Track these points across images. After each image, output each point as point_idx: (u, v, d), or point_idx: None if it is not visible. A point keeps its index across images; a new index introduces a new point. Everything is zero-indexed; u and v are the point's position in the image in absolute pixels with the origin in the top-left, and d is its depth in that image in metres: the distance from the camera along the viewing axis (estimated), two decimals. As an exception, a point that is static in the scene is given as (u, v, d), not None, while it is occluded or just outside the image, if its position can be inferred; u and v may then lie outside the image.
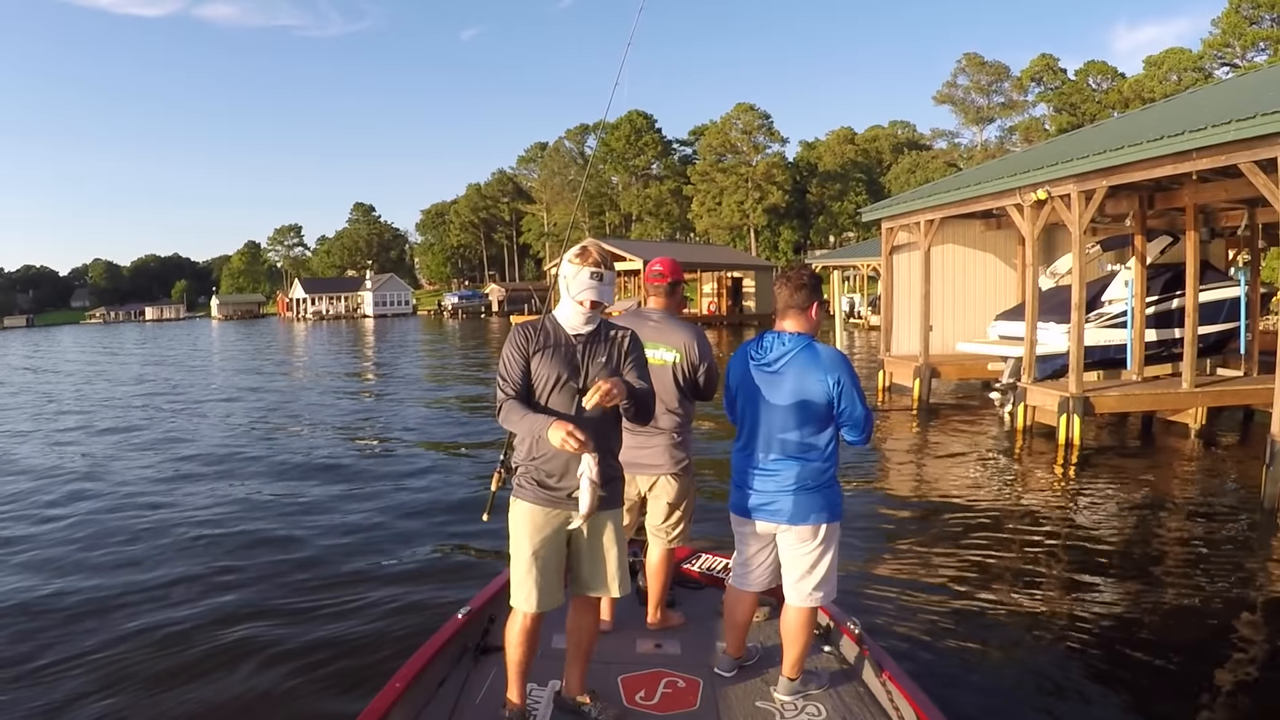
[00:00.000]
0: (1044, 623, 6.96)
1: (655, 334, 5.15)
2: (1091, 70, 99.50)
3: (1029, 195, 14.65)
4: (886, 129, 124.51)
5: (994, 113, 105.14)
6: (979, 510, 10.52)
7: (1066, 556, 8.76)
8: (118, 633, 6.87)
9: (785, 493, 4.37)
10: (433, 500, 11.27)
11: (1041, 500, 11.12)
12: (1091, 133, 18.92)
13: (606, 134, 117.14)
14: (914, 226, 19.41)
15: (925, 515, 10.48)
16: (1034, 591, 7.70)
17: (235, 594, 7.77)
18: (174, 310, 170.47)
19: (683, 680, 4.63)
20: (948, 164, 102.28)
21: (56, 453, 15.73)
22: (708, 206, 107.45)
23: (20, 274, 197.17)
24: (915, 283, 19.88)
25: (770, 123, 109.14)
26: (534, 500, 4.02)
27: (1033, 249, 15.18)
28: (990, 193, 16.02)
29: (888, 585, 7.70)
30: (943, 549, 8.92)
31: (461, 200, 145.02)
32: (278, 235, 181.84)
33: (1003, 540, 9.24)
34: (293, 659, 6.32)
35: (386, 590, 7.79)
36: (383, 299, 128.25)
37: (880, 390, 20.58)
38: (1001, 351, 16.63)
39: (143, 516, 10.63)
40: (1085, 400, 13.78)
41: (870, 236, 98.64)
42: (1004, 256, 20.85)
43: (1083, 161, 13.23)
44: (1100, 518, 10.25)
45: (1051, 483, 12.18)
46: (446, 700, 4.40)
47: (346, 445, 15.98)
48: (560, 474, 3.98)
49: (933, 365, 18.80)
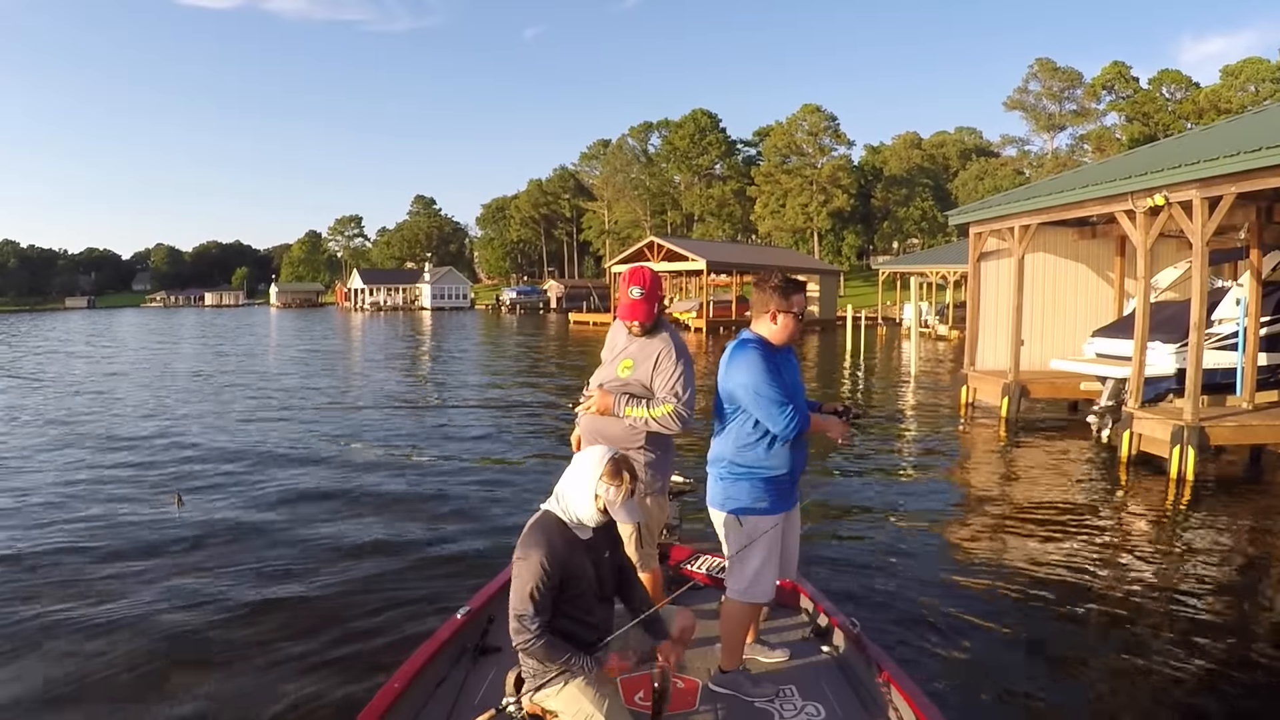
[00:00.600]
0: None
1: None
2: (1165, 79, 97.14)
3: (1143, 201, 13.24)
4: (953, 135, 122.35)
5: (1065, 120, 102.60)
6: (1073, 549, 9.29)
7: (1173, 614, 7.44)
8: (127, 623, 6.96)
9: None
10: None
11: (1147, 542, 9.77)
12: (1202, 136, 17.37)
13: (670, 132, 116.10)
14: (1006, 232, 17.94)
15: (1012, 550, 9.19)
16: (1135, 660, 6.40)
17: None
18: (233, 296, 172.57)
19: (681, 681, 4.65)
20: (1016, 172, 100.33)
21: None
22: (771, 208, 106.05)
23: (83, 256, 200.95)
24: (1004, 293, 18.52)
25: (836, 125, 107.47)
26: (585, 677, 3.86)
27: (1145, 260, 13.72)
28: (1097, 197, 14.53)
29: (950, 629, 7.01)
30: (1030, 601, 7.70)
31: (522, 195, 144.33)
32: (338, 225, 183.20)
33: (1102, 588, 7.94)
34: (296, 654, 6.38)
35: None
36: (440, 292, 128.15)
37: (962, 407, 19.19)
38: (1101, 371, 15.20)
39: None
40: (1201, 431, 12.38)
41: (935, 243, 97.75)
42: (1097, 268, 19.41)
43: (1210, 164, 11.80)
44: (1215, 572, 8.78)
45: (1159, 523, 10.73)
46: (445, 700, 4.41)
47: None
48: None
49: (1022, 383, 17.37)
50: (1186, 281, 16.40)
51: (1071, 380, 17.02)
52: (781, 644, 5.10)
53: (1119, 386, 14.73)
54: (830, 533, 9.86)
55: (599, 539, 4.01)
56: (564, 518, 3.90)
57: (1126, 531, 10.33)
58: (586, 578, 3.88)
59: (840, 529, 10.10)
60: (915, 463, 14.41)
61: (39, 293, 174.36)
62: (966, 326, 20.37)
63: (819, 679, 4.70)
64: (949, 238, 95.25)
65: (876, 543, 9.50)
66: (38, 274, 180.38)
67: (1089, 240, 19.14)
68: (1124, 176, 13.82)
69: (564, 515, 3.90)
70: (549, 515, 3.94)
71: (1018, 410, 17.17)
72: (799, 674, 4.80)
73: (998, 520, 10.73)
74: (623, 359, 5.11)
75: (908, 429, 17.82)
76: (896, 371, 30.63)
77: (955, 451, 15.58)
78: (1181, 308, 14.55)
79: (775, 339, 4.66)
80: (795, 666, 4.92)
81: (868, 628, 5.11)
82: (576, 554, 3.86)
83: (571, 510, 3.89)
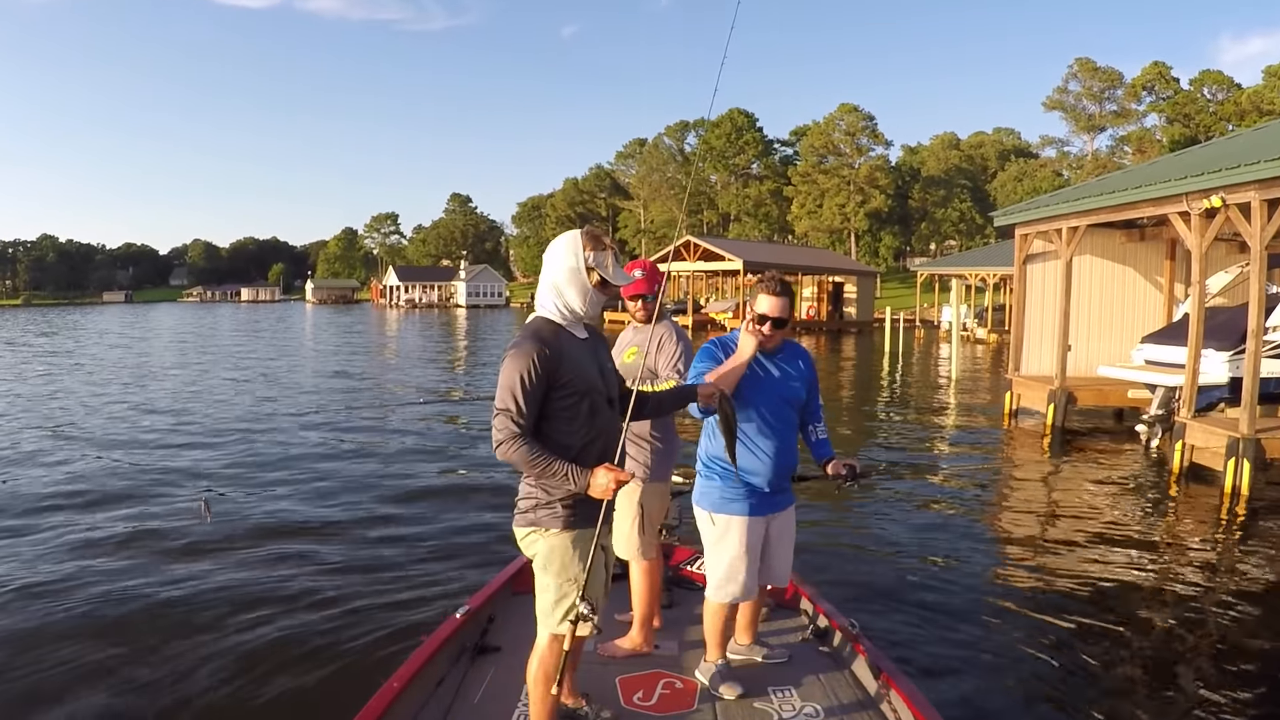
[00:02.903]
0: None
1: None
2: (1206, 80, 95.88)
3: (1199, 202, 12.73)
4: (991, 135, 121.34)
5: (1105, 121, 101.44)
6: (1115, 564, 8.89)
7: (1213, 635, 6.97)
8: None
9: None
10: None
11: (1195, 560, 9.25)
12: (1258, 135, 16.77)
13: (707, 132, 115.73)
14: (1053, 234, 17.41)
15: (1052, 560, 8.83)
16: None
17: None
18: (269, 292, 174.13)
19: (680, 681, 4.66)
20: (1055, 173, 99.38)
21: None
22: (808, 209, 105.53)
23: (121, 251, 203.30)
24: (1050, 296, 18.05)
25: (874, 124, 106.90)
26: (575, 526, 3.67)
27: (1199, 264, 13.19)
28: (1151, 198, 13.98)
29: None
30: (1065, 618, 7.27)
31: (558, 194, 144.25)
32: (375, 223, 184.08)
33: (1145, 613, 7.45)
34: (296, 654, 6.34)
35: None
36: (476, 290, 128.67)
37: (1006, 415, 18.67)
38: (1151, 379, 14.68)
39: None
40: (1257, 443, 11.86)
41: (973, 245, 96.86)
42: (1144, 271, 18.89)
43: (1271, 164, 11.22)
44: (1272, 597, 8.18)
45: (1211, 539, 10.21)
46: (444, 700, 4.39)
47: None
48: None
49: (1069, 389, 16.85)
50: (1238, 286, 15.89)
51: (1118, 387, 16.50)
52: (781, 645, 5.10)
53: (1169, 395, 14.24)
54: (867, 535, 9.70)
55: (594, 339, 3.85)
56: (555, 317, 3.68)
57: (1173, 547, 9.83)
58: (589, 375, 3.67)
59: (877, 532, 9.90)
60: (958, 469, 14.04)
61: (77, 287, 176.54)
62: (1011, 330, 19.85)
63: (818, 680, 4.71)
64: (987, 239, 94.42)
65: (912, 547, 9.30)
66: (76, 268, 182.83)
67: (1137, 243, 18.61)
68: (1179, 176, 13.28)
69: (556, 315, 3.68)
70: (539, 318, 3.71)
71: (1064, 418, 16.64)
72: (798, 675, 4.78)
73: (1039, 529, 10.40)
74: (628, 348, 5.40)
75: (951, 434, 17.43)
76: (937, 375, 30.14)
77: (999, 458, 15.19)
78: (1236, 313, 14.05)
79: (753, 339, 4.56)
80: (795, 667, 4.89)
81: (868, 629, 5.10)
82: (576, 348, 3.66)
83: (564, 301, 3.66)
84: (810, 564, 7.48)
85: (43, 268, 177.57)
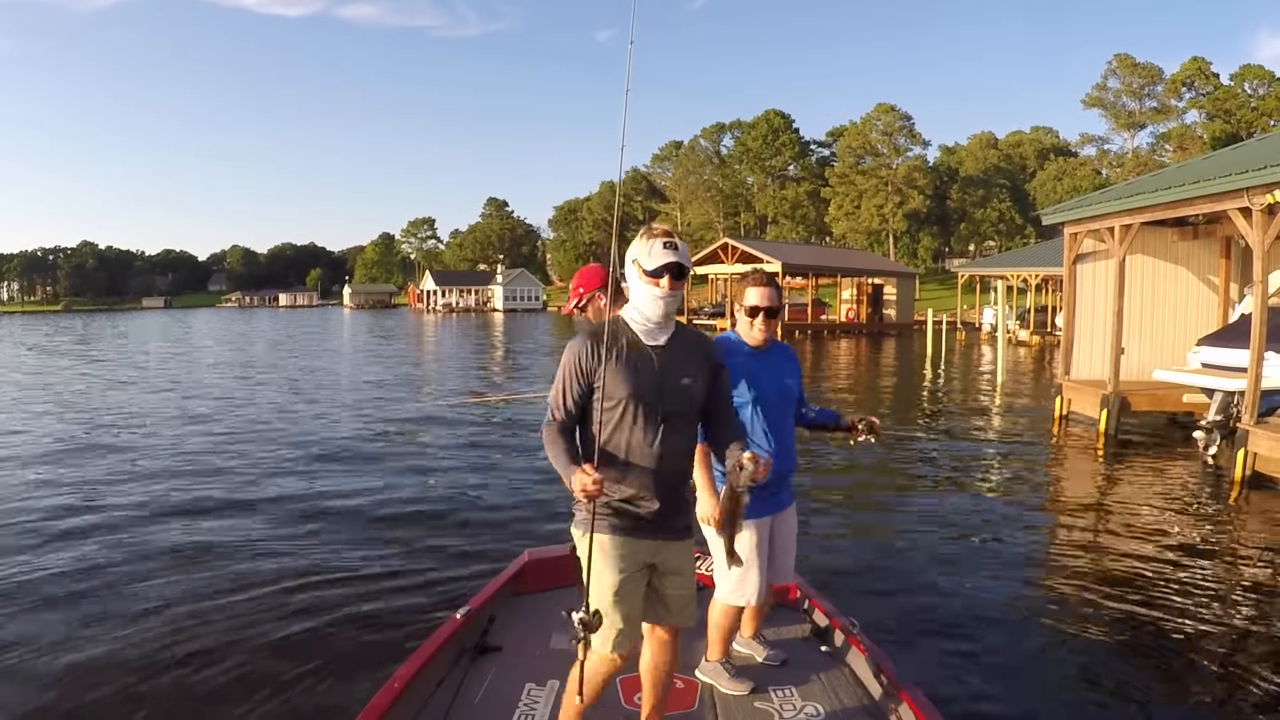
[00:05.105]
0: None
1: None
2: (1247, 75, 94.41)
3: (1261, 197, 12.18)
4: (1029, 134, 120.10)
5: (1145, 118, 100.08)
6: (1170, 577, 8.39)
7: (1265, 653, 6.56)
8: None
9: None
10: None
11: (1253, 575, 8.66)
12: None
13: (743, 133, 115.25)
14: (1105, 233, 16.83)
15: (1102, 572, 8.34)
16: None
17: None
18: (307, 297, 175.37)
19: (681, 681, 4.57)
20: (1095, 171, 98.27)
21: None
22: (845, 210, 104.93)
23: (160, 257, 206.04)
24: (1101, 297, 17.51)
25: (911, 124, 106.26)
26: (614, 533, 3.59)
27: (1261, 263, 12.61)
28: (1209, 193, 13.39)
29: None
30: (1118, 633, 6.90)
31: (594, 198, 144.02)
32: (411, 227, 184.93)
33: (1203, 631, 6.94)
34: (295, 654, 6.32)
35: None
36: (513, 294, 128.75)
37: (1055, 420, 18.10)
38: (1212, 383, 14.07)
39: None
40: (1326, 452, 11.30)
41: (1013, 245, 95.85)
42: (1198, 270, 18.26)
43: (1340, 158, 10.76)
44: None
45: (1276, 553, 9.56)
46: (444, 700, 4.40)
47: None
48: (640, 494, 3.57)
49: (1122, 394, 16.28)
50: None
51: (1174, 392, 15.85)
52: (781, 644, 5.12)
53: (1228, 400, 13.64)
54: (912, 542, 9.52)
55: (677, 350, 3.65)
56: (632, 323, 3.64)
57: (1234, 563, 9.22)
58: (637, 385, 3.52)
59: (924, 538, 9.63)
60: (1007, 476, 13.53)
61: (116, 293, 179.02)
62: (1061, 333, 19.25)
63: (818, 679, 4.74)
64: (1026, 240, 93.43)
65: (962, 557, 9.06)
66: (115, 275, 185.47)
67: (1189, 241, 17.99)
68: (1239, 171, 12.72)
69: (634, 319, 3.64)
70: (618, 317, 3.69)
71: (1117, 424, 16.06)
72: (799, 674, 4.80)
73: (1088, 536, 10.01)
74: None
75: (999, 440, 16.86)
76: (980, 379, 29.54)
77: (1050, 465, 14.69)
78: (1301, 314, 13.46)
79: (746, 338, 4.64)
80: (795, 667, 4.90)
81: (870, 628, 5.16)
82: (635, 355, 3.57)
83: (634, 305, 3.65)
84: (851, 568, 7.59)
85: (83, 274, 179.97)
